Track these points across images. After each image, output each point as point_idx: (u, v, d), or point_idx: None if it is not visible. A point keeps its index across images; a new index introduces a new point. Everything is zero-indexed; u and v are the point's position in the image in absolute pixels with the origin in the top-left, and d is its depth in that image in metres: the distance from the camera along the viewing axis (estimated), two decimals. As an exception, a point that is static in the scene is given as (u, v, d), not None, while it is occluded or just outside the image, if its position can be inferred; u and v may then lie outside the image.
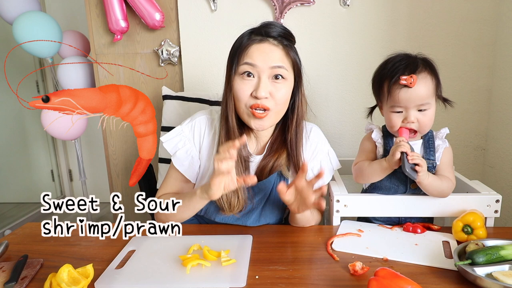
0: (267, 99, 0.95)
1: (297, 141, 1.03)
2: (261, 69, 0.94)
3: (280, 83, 0.96)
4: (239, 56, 0.96)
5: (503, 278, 0.70)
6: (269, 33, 0.96)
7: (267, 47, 0.95)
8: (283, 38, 0.97)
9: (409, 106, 0.97)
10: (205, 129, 1.07)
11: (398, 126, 1.00)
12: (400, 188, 1.05)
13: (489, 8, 1.52)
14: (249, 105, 0.96)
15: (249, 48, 0.95)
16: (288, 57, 0.97)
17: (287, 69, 0.96)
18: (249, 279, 0.77)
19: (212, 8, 1.63)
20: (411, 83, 0.95)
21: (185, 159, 1.05)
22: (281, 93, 0.96)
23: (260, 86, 0.94)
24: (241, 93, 0.95)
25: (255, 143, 1.07)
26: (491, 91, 1.58)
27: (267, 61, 0.94)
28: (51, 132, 1.94)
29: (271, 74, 0.95)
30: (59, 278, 0.73)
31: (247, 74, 0.95)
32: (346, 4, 1.57)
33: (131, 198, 0.84)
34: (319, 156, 1.09)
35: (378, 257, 0.86)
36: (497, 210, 0.99)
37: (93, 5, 1.70)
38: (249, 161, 1.03)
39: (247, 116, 0.98)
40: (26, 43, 1.81)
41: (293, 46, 1.00)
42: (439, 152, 1.05)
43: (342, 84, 1.66)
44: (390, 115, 1.01)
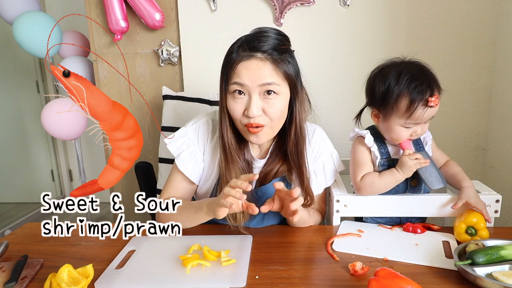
0: (260, 116, 0.93)
1: (298, 150, 1.00)
2: (250, 88, 0.91)
3: (272, 99, 0.92)
4: (228, 74, 0.94)
5: (503, 278, 0.70)
6: (257, 48, 0.91)
7: (254, 65, 0.90)
8: (274, 50, 0.91)
9: (421, 123, 0.98)
10: (209, 132, 1.06)
11: (405, 139, 1.01)
12: (401, 187, 1.05)
13: (489, 8, 1.52)
14: (243, 124, 0.95)
15: (236, 66, 0.92)
16: (278, 70, 0.92)
17: (279, 84, 0.92)
18: (249, 279, 0.77)
19: (212, 8, 1.63)
20: (437, 104, 0.95)
21: (189, 161, 1.04)
22: (274, 108, 0.93)
23: (251, 105, 0.91)
24: (234, 112, 0.94)
25: (258, 148, 1.06)
26: (491, 91, 1.58)
27: (255, 79, 0.90)
28: (51, 132, 1.94)
29: (261, 91, 0.91)
30: (59, 278, 0.73)
31: (238, 92, 0.92)
32: (346, 4, 1.57)
33: (131, 198, 0.83)
34: (321, 158, 1.08)
35: (378, 257, 0.86)
36: (497, 210, 0.99)
37: (93, 5, 1.70)
38: (253, 165, 1.03)
39: (244, 133, 0.98)
40: (25, 43, 1.81)
41: (286, 56, 0.93)
42: (428, 145, 1.07)
43: (342, 84, 1.66)
44: (399, 129, 0.99)
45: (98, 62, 1.77)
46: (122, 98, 1.80)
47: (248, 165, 1.02)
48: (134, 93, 1.78)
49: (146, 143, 1.83)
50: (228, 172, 0.98)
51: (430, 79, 0.96)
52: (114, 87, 1.79)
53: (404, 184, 1.04)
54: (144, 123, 1.82)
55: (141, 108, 1.80)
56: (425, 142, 1.08)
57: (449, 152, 1.49)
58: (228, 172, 0.98)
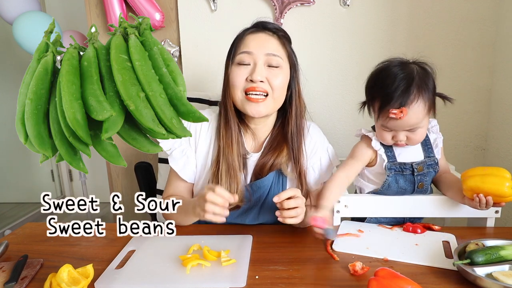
0: (263, 82, 0.96)
1: (298, 136, 1.04)
2: (256, 56, 0.97)
3: (275, 70, 0.98)
4: (236, 46, 1.00)
5: (503, 278, 0.70)
6: (265, 26, 1.01)
7: (262, 36, 0.99)
8: (279, 30, 1.02)
9: (398, 130, 0.97)
10: (200, 128, 1.07)
11: (389, 143, 1.01)
12: (408, 191, 1.05)
13: (489, 8, 1.52)
14: (245, 89, 0.97)
15: (245, 38, 1.00)
16: (283, 47, 1.00)
17: (282, 58, 0.99)
18: (249, 279, 0.77)
19: (212, 8, 1.63)
20: (401, 118, 0.92)
21: (180, 159, 1.05)
22: (277, 79, 0.97)
23: (255, 70, 0.96)
24: (236, 79, 0.97)
25: (252, 141, 1.07)
26: (491, 91, 1.58)
27: (262, 48, 0.97)
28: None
29: (266, 61, 0.97)
30: (59, 278, 0.73)
31: (244, 65, 0.97)
32: (346, 4, 1.57)
33: (131, 198, 0.83)
34: (319, 153, 1.09)
35: (378, 257, 0.86)
36: (498, 211, 0.99)
37: (93, 5, 1.70)
38: (246, 158, 1.04)
39: (242, 103, 0.98)
40: (25, 43, 1.81)
41: (288, 42, 1.03)
42: (438, 147, 1.06)
43: (342, 84, 1.66)
44: (381, 131, 1.00)
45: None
46: (122, 98, 1.80)
47: (242, 159, 1.03)
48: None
49: (146, 143, 1.83)
50: (228, 149, 1.00)
51: (412, 90, 0.92)
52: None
53: (411, 187, 1.04)
54: (144, 123, 1.81)
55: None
56: (435, 144, 1.06)
57: (449, 152, 1.49)
58: (229, 150, 1.00)
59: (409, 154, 1.04)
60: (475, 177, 0.91)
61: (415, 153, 1.04)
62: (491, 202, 0.90)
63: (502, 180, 0.89)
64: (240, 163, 1.01)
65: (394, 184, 1.04)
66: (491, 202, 0.90)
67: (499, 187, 0.88)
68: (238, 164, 1.00)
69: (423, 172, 1.03)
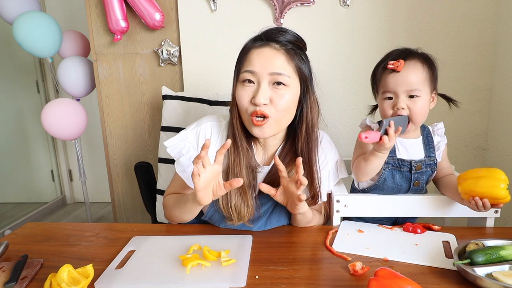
0: (266, 105, 0.91)
1: (309, 151, 0.99)
2: (260, 75, 0.91)
3: (281, 90, 0.91)
4: (241, 63, 0.95)
5: (503, 278, 0.70)
6: (273, 38, 0.93)
7: (267, 52, 0.92)
8: (289, 43, 0.94)
9: (398, 91, 0.98)
10: (210, 136, 1.03)
11: (389, 114, 1.00)
12: (403, 187, 1.05)
13: (489, 8, 1.52)
14: (250, 112, 0.93)
15: (249, 54, 0.93)
16: (291, 62, 0.92)
17: (289, 76, 0.92)
18: (249, 279, 0.77)
19: (212, 8, 1.63)
20: (398, 67, 0.96)
21: (187, 166, 1.02)
22: (283, 100, 0.91)
23: (258, 92, 0.90)
24: (241, 100, 0.93)
25: (262, 154, 1.04)
26: (491, 91, 1.58)
27: (266, 66, 0.90)
28: (51, 132, 1.94)
29: (271, 80, 0.91)
30: (59, 278, 0.73)
31: (248, 81, 0.93)
32: (346, 4, 1.57)
33: (131, 198, 0.83)
34: (328, 166, 1.07)
35: (378, 257, 0.86)
36: (498, 210, 0.99)
37: (93, 5, 1.71)
38: (257, 171, 1.01)
39: (248, 125, 0.96)
40: (25, 43, 1.81)
41: (299, 52, 0.96)
42: (440, 150, 1.06)
43: (342, 84, 1.66)
44: (382, 103, 1.02)
45: (98, 62, 1.77)
46: (122, 98, 1.80)
47: (252, 171, 1.00)
48: (134, 93, 1.79)
49: (146, 143, 1.83)
50: (237, 167, 0.97)
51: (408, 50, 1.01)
52: (114, 87, 1.79)
53: (407, 184, 1.05)
54: (144, 123, 1.82)
55: (141, 108, 1.80)
56: (437, 147, 1.06)
57: (449, 152, 1.49)
58: (238, 168, 0.97)
59: (410, 151, 1.04)
60: (468, 181, 0.92)
61: (416, 151, 1.05)
62: (488, 205, 0.90)
63: (495, 182, 0.89)
64: (250, 178, 0.99)
65: (390, 179, 1.04)
66: (488, 205, 0.90)
67: (492, 190, 0.88)
68: (247, 180, 0.98)
69: (421, 171, 1.03)
